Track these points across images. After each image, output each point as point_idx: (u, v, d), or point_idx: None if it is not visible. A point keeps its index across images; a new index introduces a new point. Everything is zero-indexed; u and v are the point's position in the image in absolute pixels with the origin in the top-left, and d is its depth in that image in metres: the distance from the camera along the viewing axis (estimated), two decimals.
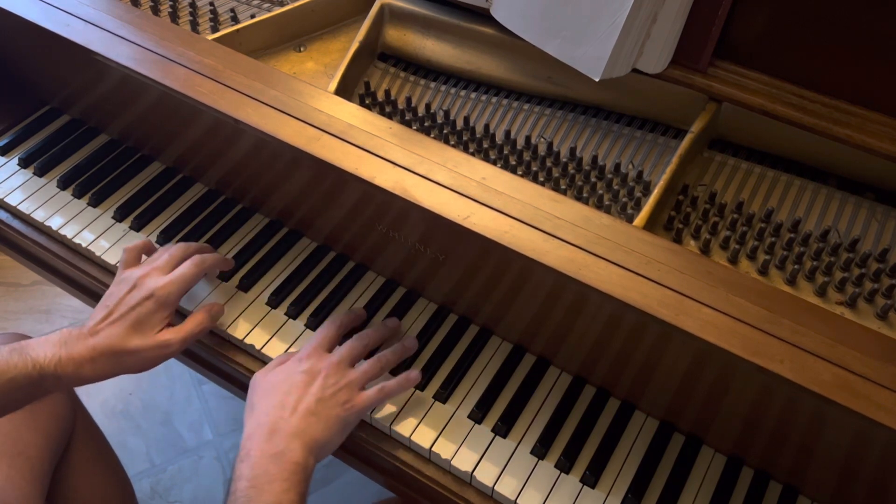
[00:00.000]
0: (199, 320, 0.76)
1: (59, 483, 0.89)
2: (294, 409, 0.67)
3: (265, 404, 0.69)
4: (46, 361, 0.68)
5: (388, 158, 0.70)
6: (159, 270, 0.76)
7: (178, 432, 1.49)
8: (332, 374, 0.70)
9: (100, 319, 0.72)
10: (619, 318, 0.67)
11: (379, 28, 0.91)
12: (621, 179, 0.77)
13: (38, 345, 0.70)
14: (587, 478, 0.72)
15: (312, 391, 0.69)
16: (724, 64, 0.76)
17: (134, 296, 0.73)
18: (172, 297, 0.74)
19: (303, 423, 0.67)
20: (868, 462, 0.62)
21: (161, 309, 0.73)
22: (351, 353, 0.73)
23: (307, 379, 0.70)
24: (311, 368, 0.71)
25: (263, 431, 0.66)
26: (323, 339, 0.75)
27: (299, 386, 0.69)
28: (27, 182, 0.95)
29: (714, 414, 0.70)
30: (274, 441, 0.65)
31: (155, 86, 0.77)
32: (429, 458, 0.75)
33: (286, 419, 0.67)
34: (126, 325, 0.72)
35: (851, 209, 0.73)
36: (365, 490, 1.39)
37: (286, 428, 0.66)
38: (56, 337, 0.71)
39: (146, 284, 0.74)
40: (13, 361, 0.68)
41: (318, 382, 0.70)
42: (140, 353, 0.72)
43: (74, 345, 0.70)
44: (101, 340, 0.71)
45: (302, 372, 0.70)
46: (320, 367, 0.71)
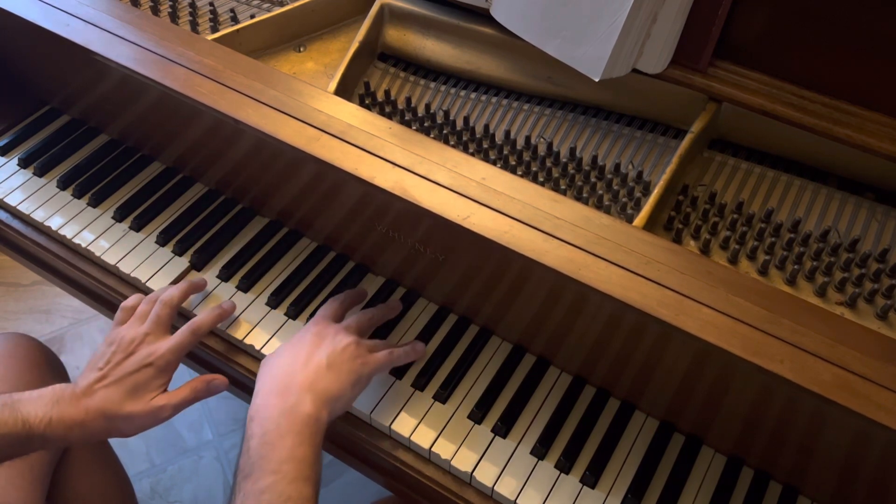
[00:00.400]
0: (195, 388, 0.75)
1: (59, 483, 0.89)
2: (305, 363, 0.68)
3: (275, 365, 0.69)
4: (37, 421, 0.67)
5: (388, 158, 0.70)
6: (153, 335, 0.74)
7: (178, 432, 1.49)
8: (342, 336, 0.71)
9: (94, 380, 0.70)
10: (619, 318, 0.67)
11: (379, 28, 0.91)
12: (621, 179, 0.77)
13: (30, 401, 0.68)
14: (587, 478, 0.72)
15: (324, 347, 0.69)
16: (724, 64, 0.76)
17: (131, 362, 0.72)
18: (172, 366, 0.74)
19: (314, 375, 0.67)
20: (868, 462, 0.62)
21: (160, 375, 0.72)
22: (359, 324, 0.74)
23: (317, 340, 0.70)
24: (321, 331, 0.72)
25: (274, 386, 0.66)
26: (328, 312, 0.75)
27: (310, 345, 0.70)
28: (27, 182, 0.95)
29: (714, 414, 0.70)
30: (285, 396, 0.65)
31: (155, 86, 0.77)
32: (428, 458, 0.75)
33: (297, 373, 0.67)
34: (123, 390, 0.70)
35: (851, 209, 0.73)
36: (365, 490, 1.39)
37: (297, 381, 0.66)
38: (49, 394, 0.69)
39: (143, 352, 0.72)
40: (3, 418, 0.66)
41: (329, 340, 0.70)
42: (133, 418, 0.71)
43: (66, 406, 0.69)
44: (94, 403, 0.69)
45: (312, 334, 0.71)
46: (329, 330, 0.72)
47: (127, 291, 0.87)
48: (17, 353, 0.92)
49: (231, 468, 1.43)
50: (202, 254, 0.88)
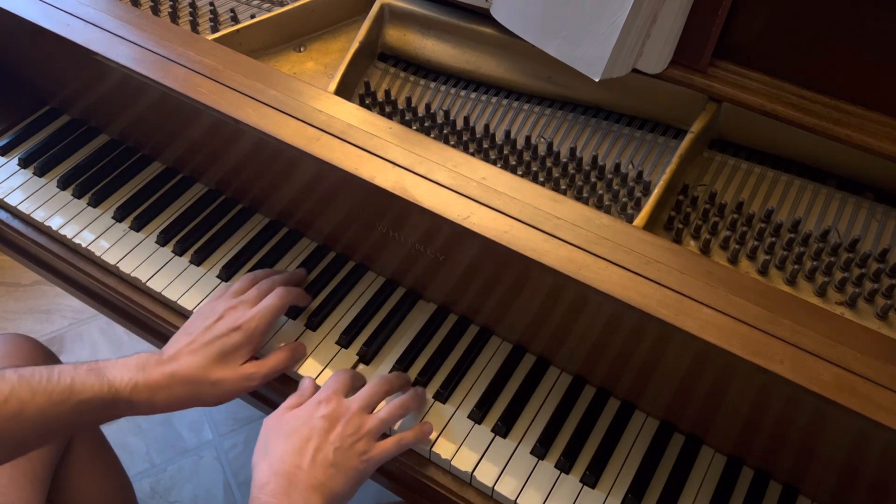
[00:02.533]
0: (281, 357, 0.75)
1: (60, 483, 0.89)
2: (313, 458, 0.64)
3: (281, 449, 0.65)
4: (122, 385, 0.67)
5: (388, 158, 0.70)
6: (246, 304, 0.75)
7: (178, 432, 1.49)
8: (352, 422, 0.68)
9: (181, 347, 0.70)
10: (619, 318, 0.67)
11: (379, 28, 0.91)
12: (621, 179, 0.77)
13: (114, 367, 0.68)
14: (587, 478, 0.72)
15: (331, 439, 0.66)
16: (724, 64, 0.76)
17: (220, 326, 0.72)
18: (260, 330, 0.73)
19: (322, 476, 0.64)
20: (868, 462, 0.62)
21: (248, 341, 0.72)
22: (371, 399, 0.71)
23: (326, 425, 0.67)
24: (331, 414, 0.68)
25: (280, 483, 0.63)
26: (340, 384, 0.72)
27: (318, 432, 0.66)
28: (27, 182, 0.95)
29: (714, 414, 0.70)
30: (293, 495, 0.62)
31: (155, 86, 0.77)
32: (429, 458, 0.75)
33: (304, 469, 0.64)
34: (210, 355, 0.70)
35: (851, 209, 0.73)
36: (365, 490, 1.39)
37: (305, 480, 0.63)
38: (133, 361, 0.69)
39: (233, 315, 0.73)
40: (89, 382, 0.66)
41: (338, 430, 0.67)
42: (221, 384, 0.70)
43: (152, 370, 0.68)
44: (181, 367, 0.69)
45: (321, 417, 0.67)
46: (340, 412, 0.68)
47: (127, 291, 0.87)
48: (18, 353, 0.92)
49: (231, 468, 1.43)
50: (202, 254, 0.88)
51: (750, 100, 0.74)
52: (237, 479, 1.42)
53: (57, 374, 0.65)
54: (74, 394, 0.65)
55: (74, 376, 0.66)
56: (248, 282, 0.79)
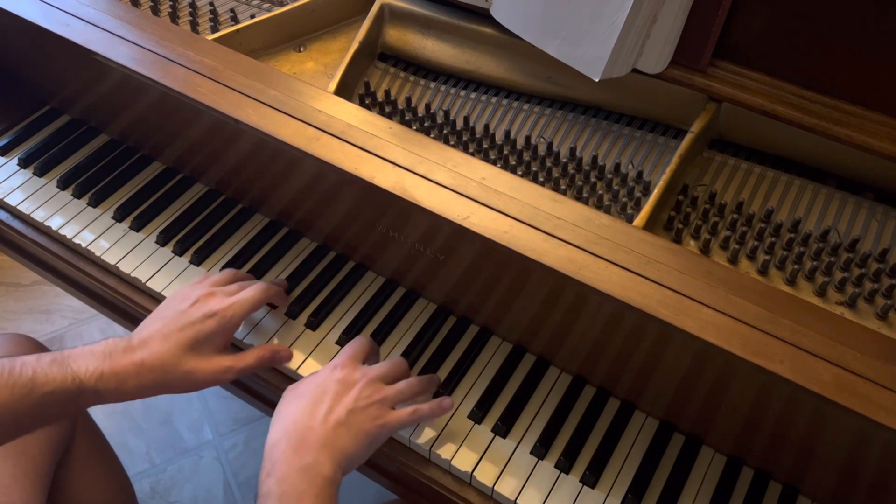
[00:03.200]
0: (261, 355, 0.72)
1: (60, 483, 0.89)
2: (325, 417, 0.64)
3: (293, 409, 0.65)
4: (87, 375, 0.64)
5: (388, 158, 0.70)
6: (224, 293, 0.72)
7: (178, 432, 1.49)
8: (367, 387, 0.67)
9: (152, 332, 0.67)
10: (619, 318, 0.67)
11: (379, 28, 0.91)
12: (621, 179, 0.77)
13: (80, 356, 0.65)
14: (587, 478, 0.72)
15: (345, 401, 0.65)
16: (724, 64, 0.76)
17: (193, 312, 0.69)
18: (236, 320, 0.71)
19: (332, 434, 0.63)
20: (868, 462, 0.62)
21: (222, 330, 0.69)
22: (389, 372, 0.70)
23: (340, 388, 0.66)
24: (346, 378, 0.67)
25: (291, 440, 0.62)
26: (357, 350, 0.71)
27: (332, 394, 0.65)
28: (27, 182, 0.95)
29: (714, 414, 0.70)
30: (302, 453, 0.62)
31: (155, 86, 0.77)
32: (429, 459, 0.75)
33: (315, 428, 0.63)
34: (182, 342, 0.67)
35: (851, 209, 0.73)
36: (365, 490, 1.39)
37: (315, 438, 0.62)
38: (100, 348, 0.66)
39: (210, 303, 0.70)
40: (52, 374, 0.63)
41: (353, 393, 0.66)
42: (193, 374, 0.67)
43: (119, 358, 0.65)
44: (150, 354, 0.66)
45: (336, 381, 0.66)
46: (355, 377, 0.67)
47: (127, 291, 0.87)
48: (18, 353, 0.91)
49: (231, 468, 1.43)
50: (202, 254, 0.88)
51: (750, 100, 0.74)
52: (237, 479, 1.42)
53: (20, 366, 0.63)
54: (38, 387, 0.62)
55: (37, 368, 0.63)
56: (229, 275, 0.77)
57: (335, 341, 0.81)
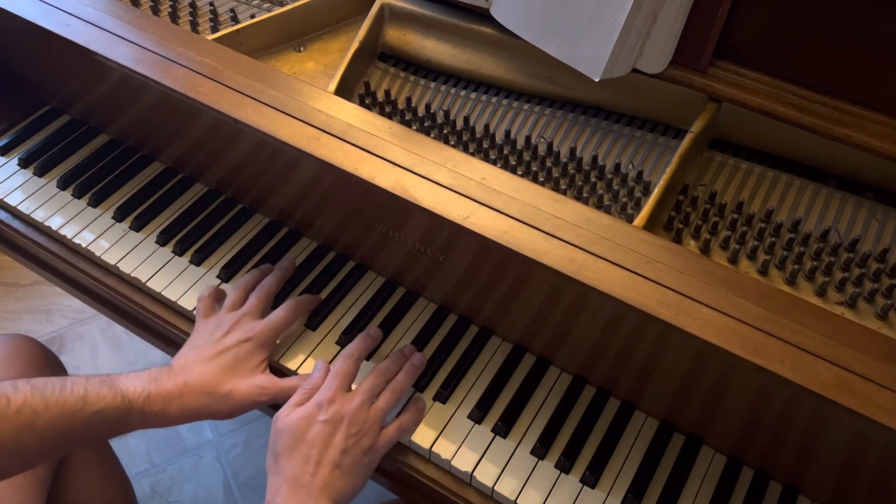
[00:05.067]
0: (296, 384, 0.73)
1: (60, 484, 0.89)
2: (318, 463, 0.66)
3: (288, 458, 0.66)
4: (136, 395, 0.67)
5: (388, 158, 0.70)
6: (251, 315, 0.75)
7: (178, 432, 1.49)
8: (355, 422, 0.68)
9: (192, 359, 0.71)
10: (619, 318, 0.67)
11: (379, 28, 0.91)
12: (621, 179, 0.77)
13: (127, 379, 0.68)
14: (587, 478, 0.72)
15: (336, 443, 0.67)
16: (724, 64, 0.76)
17: (230, 338, 0.72)
18: (270, 342, 0.74)
19: (329, 478, 0.65)
20: (868, 462, 0.62)
21: (258, 352, 0.72)
22: (373, 391, 0.71)
23: (329, 430, 0.67)
24: (333, 417, 0.68)
25: (291, 486, 0.65)
26: (342, 379, 0.71)
27: (322, 437, 0.67)
28: (27, 182, 0.95)
29: (714, 414, 0.70)
30: (302, 495, 0.64)
31: (155, 86, 0.77)
32: (429, 458, 0.75)
33: (311, 474, 0.65)
34: (223, 364, 0.70)
35: (851, 209, 0.73)
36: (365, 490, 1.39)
37: (312, 484, 0.65)
38: (145, 374, 0.69)
39: (242, 328, 0.73)
40: (103, 393, 0.66)
41: (341, 433, 0.67)
42: (233, 394, 0.70)
43: (164, 381, 0.69)
44: (193, 377, 0.69)
45: (323, 422, 0.67)
46: (342, 412, 0.68)
47: (127, 291, 0.87)
48: (18, 353, 0.92)
49: (231, 468, 1.43)
50: (202, 254, 0.88)
51: (750, 100, 0.74)
52: (237, 479, 1.42)
53: (70, 385, 0.65)
54: (88, 405, 0.65)
55: (87, 387, 0.66)
56: (241, 292, 0.79)
57: (335, 341, 0.81)
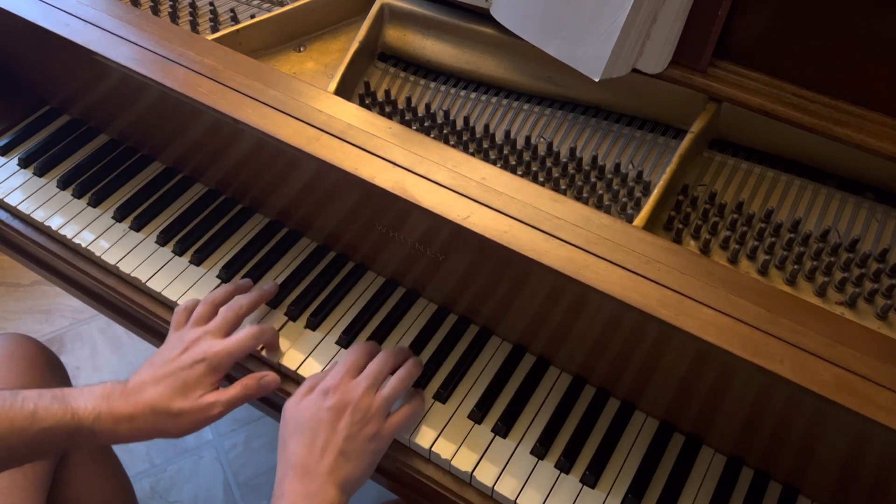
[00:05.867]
0: (246, 385, 0.74)
1: (60, 484, 0.89)
2: (323, 449, 0.66)
3: (294, 445, 0.67)
4: (86, 414, 0.67)
5: (388, 158, 0.70)
6: (213, 334, 0.74)
7: None
8: (360, 408, 0.68)
9: (146, 378, 0.70)
10: (619, 318, 0.67)
11: (379, 28, 0.91)
12: (621, 179, 0.77)
13: (80, 395, 0.68)
14: (587, 478, 0.72)
15: (340, 429, 0.67)
16: (724, 64, 0.76)
17: (185, 358, 0.72)
18: (225, 364, 0.73)
19: (334, 464, 0.66)
20: (868, 462, 0.62)
21: (211, 374, 0.72)
22: (377, 377, 0.71)
23: (334, 416, 0.68)
24: (338, 403, 0.68)
25: (297, 473, 0.66)
26: (351, 366, 0.72)
27: (327, 423, 0.67)
28: (27, 182, 0.95)
29: (714, 414, 0.70)
30: (307, 482, 0.65)
31: (155, 86, 0.77)
32: (429, 458, 0.75)
33: (317, 460, 0.66)
34: (173, 386, 0.70)
35: (851, 209, 0.73)
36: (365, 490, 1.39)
37: (318, 469, 0.65)
38: (99, 389, 0.69)
39: (199, 348, 0.72)
40: (52, 410, 0.66)
41: (346, 419, 0.68)
42: (182, 415, 0.70)
43: (117, 400, 0.68)
44: (143, 399, 0.69)
45: (328, 409, 0.68)
46: (347, 399, 0.69)
47: (127, 291, 0.87)
48: (18, 353, 0.92)
49: (231, 468, 1.43)
50: (202, 254, 0.88)
51: (750, 100, 0.74)
52: (237, 479, 1.42)
53: (21, 400, 0.66)
54: (37, 421, 0.65)
55: (38, 403, 0.66)
56: (208, 306, 0.77)
57: (335, 341, 0.81)
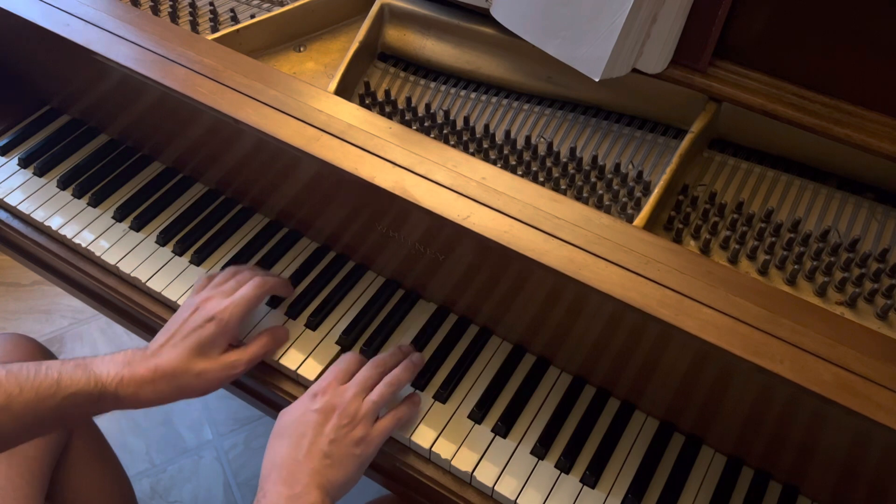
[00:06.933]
0: (263, 342, 0.76)
1: (59, 483, 0.89)
2: (308, 451, 0.66)
3: (279, 445, 0.68)
4: (109, 380, 0.68)
5: (388, 158, 0.70)
6: (223, 294, 0.75)
7: (178, 432, 1.49)
8: (347, 412, 0.69)
9: (163, 342, 0.72)
10: (619, 318, 0.67)
11: (379, 28, 0.91)
12: (621, 179, 0.77)
13: (101, 362, 0.70)
14: (587, 478, 0.72)
15: (326, 432, 0.67)
16: (724, 64, 0.76)
17: (195, 318, 0.73)
18: (234, 320, 0.74)
19: (318, 466, 0.66)
20: (868, 462, 0.62)
21: (223, 331, 0.73)
22: (366, 383, 0.72)
23: (320, 419, 0.68)
24: (325, 407, 0.69)
25: (279, 473, 0.66)
26: (340, 373, 0.72)
27: (312, 426, 0.68)
28: (27, 182, 0.95)
29: (714, 414, 0.70)
30: (291, 483, 0.65)
31: (155, 86, 0.77)
32: (429, 458, 0.75)
33: (301, 462, 0.66)
34: (188, 347, 0.71)
35: (851, 209, 0.73)
36: (365, 490, 1.39)
37: (301, 471, 0.65)
38: (121, 356, 0.71)
39: (207, 307, 0.74)
40: (76, 377, 0.67)
41: (332, 422, 0.68)
42: (205, 374, 0.71)
43: (138, 365, 0.70)
44: (163, 362, 0.70)
45: (315, 411, 0.68)
46: (335, 403, 0.69)
47: (127, 291, 0.87)
48: (17, 353, 0.92)
49: (231, 468, 1.43)
50: (202, 254, 0.88)
51: (750, 100, 0.74)
52: (237, 478, 1.42)
53: (45, 369, 0.67)
54: (62, 388, 0.66)
55: (62, 371, 0.68)
56: (229, 273, 0.79)
57: (335, 341, 0.81)
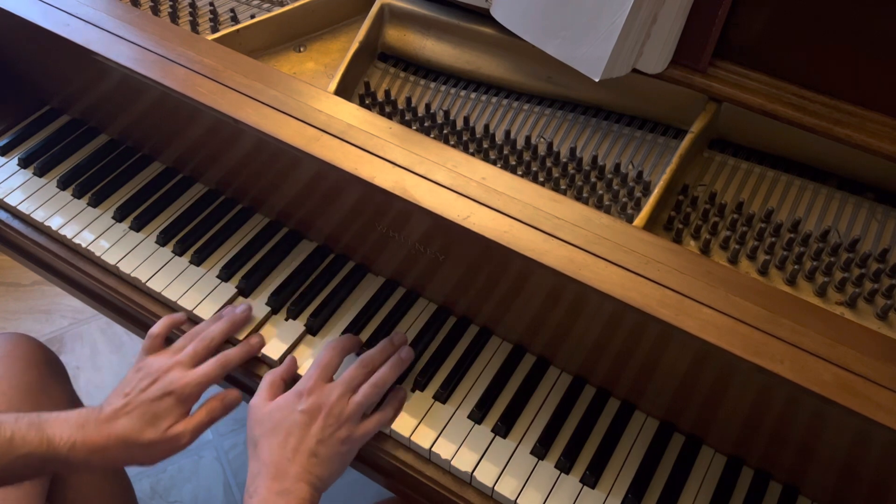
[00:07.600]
0: (211, 409, 0.75)
1: (59, 484, 0.89)
2: (296, 450, 0.68)
3: (267, 444, 0.69)
4: (62, 443, 0.68)
5: (388, 158, 0.70)
6: (182, 365, 0.75)
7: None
8: (333, 413, 0.69)
9: (118, 407, 0.71)
10: (619, 318, 0.67)
11: (379, 28, 0.91)
12: (621, 179, 0.77)
13: (56, 423, 0.69)
14: (587, 478, 0.72)
15: (313, 432, 0.68)
16: (724, 64, 0.76)
17: (153, 390, 0.72)
18: (193, 396, 0.74)
19: (306, 463, 0.67)
20: (868, 462, 0.62)
21: (179, 406, 0.73)
22: (352, 383, 0.72)
23: (306, 419, 0.69)
24: (311, 407, 0.70)
25: (269, 472, 0.67)
26: (323, 369, 0.73)
27: (299, 426, 0.69)
28: (27, 182, 0.95)
29: (714, 414, 0.70)
30: (279, 480, 0.66)
31: (155, 86, 0.77)
32: (429, 459, 0.75)
33: (289, 460, 0.67)
34: (142, 417, 0.71)
35: (851, 209, 0.73)
36: (365, 490, 1.39)
37: (290, 469, 0.67)
38: (75, 417, 0.70)
39: (167, 379, 0.73)
40: (29, 437, 0.67)
41: (319, 423, 0.69)
42: (152, 446, 0.71)
43: (92, 430, 0.69)
44: (116, 429, 0.70)
45: (301, 412, 0.69)
46: (320, 403, 0.70)
47: (127, 291, 0.87)
48: (18, 352, 0.92)
49: (231, 468, 1.43)
50: (202, 254, 0.88)
51: (750, 100, 0.74)
52: (237, 478, 1.42)
53: None
54: (14, 448, 0.66)
55: (15, 430, 0.67)
56: (187, 339, 0.78)
57: None
